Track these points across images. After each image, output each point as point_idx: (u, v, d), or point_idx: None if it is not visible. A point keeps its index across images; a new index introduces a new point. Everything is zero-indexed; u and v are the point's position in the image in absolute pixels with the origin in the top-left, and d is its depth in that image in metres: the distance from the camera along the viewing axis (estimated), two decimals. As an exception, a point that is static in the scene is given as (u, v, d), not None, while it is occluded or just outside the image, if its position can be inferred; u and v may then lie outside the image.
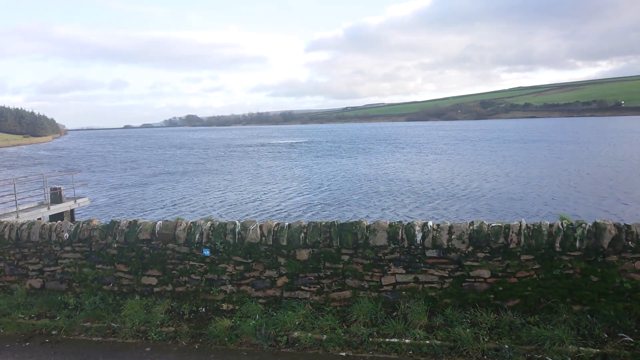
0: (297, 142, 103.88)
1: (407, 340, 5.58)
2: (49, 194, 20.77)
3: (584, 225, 5.78)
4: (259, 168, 50.83)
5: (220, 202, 29.91)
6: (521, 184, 32.76)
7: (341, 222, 6.48)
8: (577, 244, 5.72)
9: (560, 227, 5.81)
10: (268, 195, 31.77)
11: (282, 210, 26.35)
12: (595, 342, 5.31)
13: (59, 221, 7.54)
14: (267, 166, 52.29)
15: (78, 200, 21.85)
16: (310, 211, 25.95)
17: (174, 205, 29.21)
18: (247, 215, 24.92)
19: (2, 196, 19.71)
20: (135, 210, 27.97)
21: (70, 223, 7.37)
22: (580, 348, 5.18)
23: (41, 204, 20.48)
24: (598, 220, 5.81)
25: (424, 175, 39.71)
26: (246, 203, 29.09)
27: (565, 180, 34.28)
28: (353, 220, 6.52)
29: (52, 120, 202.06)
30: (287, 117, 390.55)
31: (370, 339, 5.64)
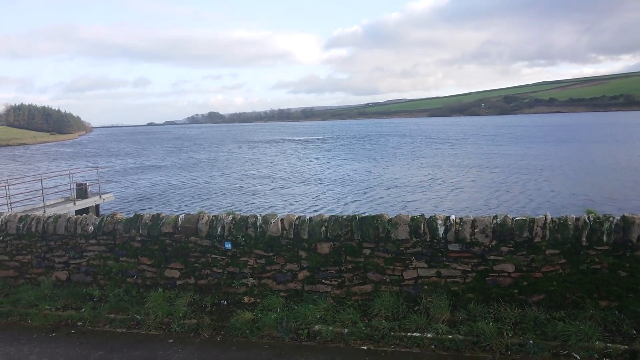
0: (325, 138, 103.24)
1: (429, 335, 5.53)
2: (75, 190, 21.17)
3: (611, 219, 5.65)
4: (288, 164, 51.00)
5: (243, 196, 30.10)
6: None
7: (362, 215, 6.45)
8: (605, 238, 5.58)
9: (587, 220, 5.69)
10: (292, 190, 31.89)
11: (305, 205, 26.40)
12: (624, 338, 5.19)
13: (84, 215, 7.66)
14: (298, 163, 52.29)
15: (103, 196, 22.22)
16: (333, 205, 25.94)
17: (197, 199, 29.51)
18: (268, 209, 25.05)
19: (30, 191, 20.15)
20: (158, 204, 28.35)
21: (94, 216, 7.49)
22: (608, 344, 5.07)
23: (67, 200, 20.89)
24: (626, 214, 5.66)
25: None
26: (270, 197, 29.22)
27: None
28: (374, 214, 6.48)
29: (78, 118, 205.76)
30: (308, 114, 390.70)
31: (392, 333, 5.61)
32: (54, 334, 6.31)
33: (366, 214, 6.50)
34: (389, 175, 38.19)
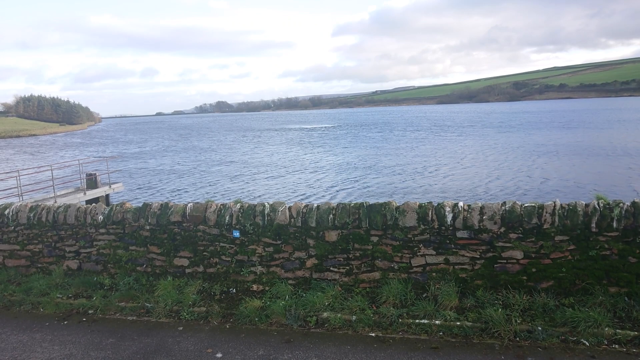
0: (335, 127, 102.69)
1: (437, 322, 5.53)
2: (85, 180, 21.33)
3: (621, 205, 5.59)
4: (298, 152, 50.98)
5: (249, 184, 30.19)
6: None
7: (370, 203, 6.44)
8: (615, 224, 5.54)
9: (597, 207, 5.64)
10: (299, 178, 31.91)
11: (311, 193, 26.42)
12: (633, 324, 5.17)
13: (94, 204, 7.72)
14: (307, 151, 52.24)
15: (113, 186, 22.36)
16: (340, 193, 25.94)
17: (205, 188, 29.64)
18: (276, 197, 25.10)
19: (41, 182, 20.32)
20: (166, 192, 28.50)
21: (104, 206, 7.54)
22: (617, 330, 5.05)
23: (77, 190, 21.05)
24: (636, 200, 5.60)
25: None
26: (276, 186, 29.29)
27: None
28: (382, 201, 6.47)
29: (87, 109, 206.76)
30: (316, 102, 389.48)
31: (400, 320, 5.62)
32: (65, 322, 6.39)
33: (374, 202, 6.49)
34: (395, 162, 38.07)
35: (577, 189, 24.19)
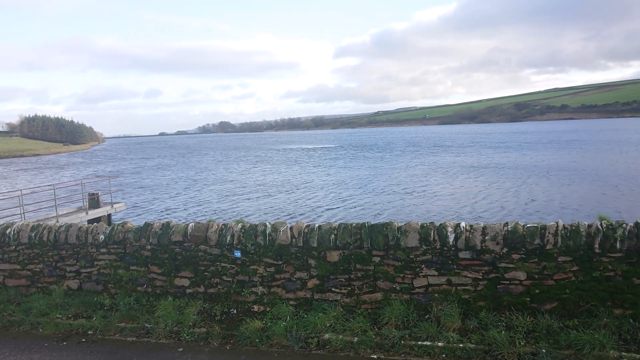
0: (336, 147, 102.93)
1: (440, 344, 5.47)
2: (87, 199, 21.33)
3: (624, 225, 5.57)
4: (299, 171, 51.03)
5: (251, 204, 30.16)
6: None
7: (372, 223, 6.42)
8: (618, 245, 5.50)
9: (600, 227, 5.61)
10: (301, 196, 31.89)
11: (313, 213, 26.37)
12: (639, 347, 5.10)
13: (95, 224, 7.71)
14: (309, 170, 52.29)
15: (115, 205, 22.35)
16: (341, 213, 25.88)
17: (206, 207, 29.61)
18: (277, 217, 25.05)
19: (43, 201, 20.34)
20: (168, 212, 28.47)
21: (105, 225, 7.53)
22: (623, 353, 4.98)
23: (80, 209, 21.04)
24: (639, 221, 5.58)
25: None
26: (277, 205, 29.25)
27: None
28: (384, 221, 6.45)
29: (91, 129, 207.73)
30: (318, 123, 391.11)
31: (402, 342, 5.56)
32: (64, 343, 6.34)
33: (375, 222, 6.47)
34: (398, 181, 38.04)
35: (576, 210, 24.08)
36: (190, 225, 7.03)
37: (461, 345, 5.40)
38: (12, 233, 7.76)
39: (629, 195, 27.17)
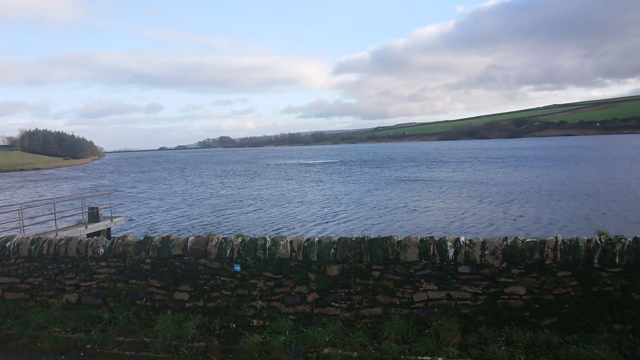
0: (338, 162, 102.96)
1: (439, 358, 5.46)
2: (87, 214, 21.33)
3: (623, 240, 5.59)
4: (301, 185, 51.03)
5: (252, 218, 30.13)
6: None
7: (371, 237, 6.43)
8: (617, 260, 5.52)
9: (599, 242, 5.63)
10: (299, 211, 31.87)
11: (313, 227, 26.33)
12: (639, 362, 5.09)
13: (95, 237, 7.72)
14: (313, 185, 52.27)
15: (115, 219, 22.35)
16: (341, 228, 25.85)
17: (206, 220, 29.57)
18: (277, 231, 25.01)
19: (43, 215, 20.35)
20: (168, 226, 28.42)
21: (105, 239, 7.54)
22: (623, 368, 4.97)
23: (79, 223, 21.03)
24: (639, 235, 5.60)
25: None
26: (276, 219, 29.22)
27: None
28: (384, 235, 6.47)
29: (91, 143, 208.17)
30: (318, 138, 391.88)
31: (402, 357, 5.55)
32: (63, 357, 6.31)
33: (375, 236, 6.48)
34: (397, 197, 38.05)
35: (580, 223, 24.06)
36: (190, 239, 7.04)
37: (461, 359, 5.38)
38: (12, 246, 7.77)
39: (621, 213, 27.16)
